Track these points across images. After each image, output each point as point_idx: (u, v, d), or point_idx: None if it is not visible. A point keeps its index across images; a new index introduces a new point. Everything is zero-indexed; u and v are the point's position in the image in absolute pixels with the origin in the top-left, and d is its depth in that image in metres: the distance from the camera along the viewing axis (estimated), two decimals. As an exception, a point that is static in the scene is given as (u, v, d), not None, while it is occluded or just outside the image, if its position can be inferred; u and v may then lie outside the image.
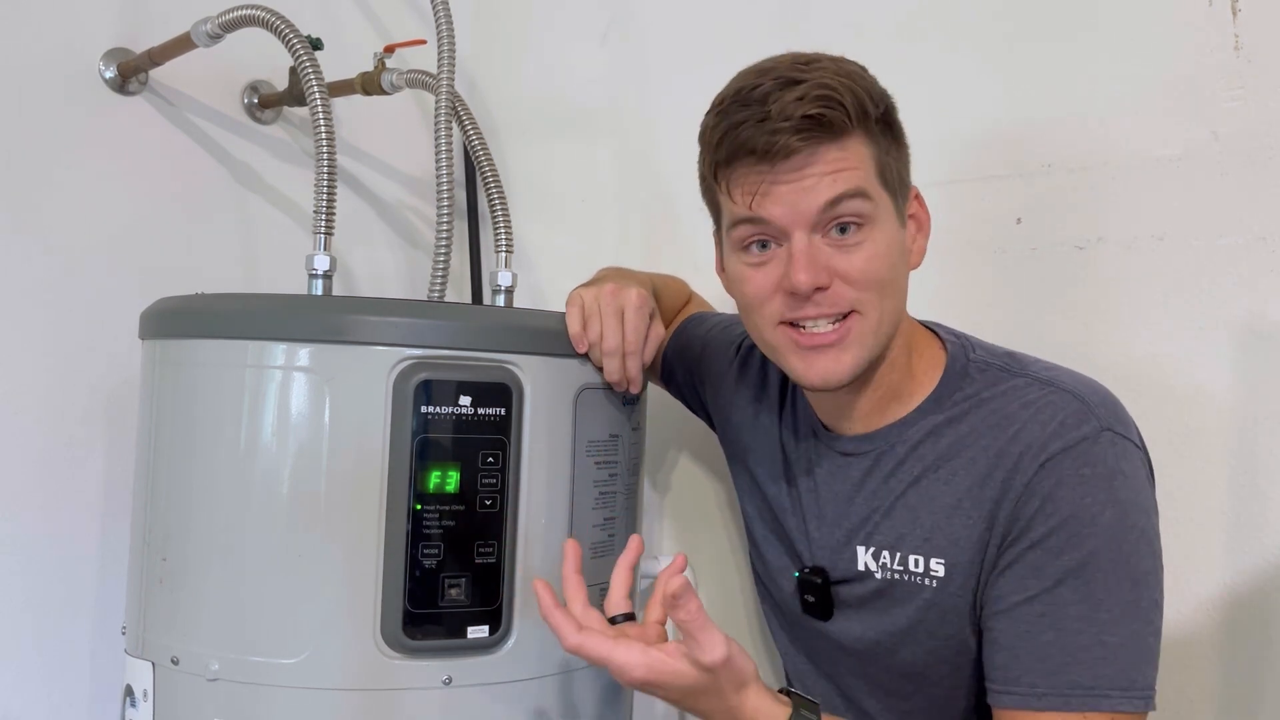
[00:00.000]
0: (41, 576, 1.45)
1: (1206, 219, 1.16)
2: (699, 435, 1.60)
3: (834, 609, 1.10)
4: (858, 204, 0.96)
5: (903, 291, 1.03)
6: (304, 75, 1.26)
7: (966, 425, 1.01)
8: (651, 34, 1.66)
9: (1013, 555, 0.96)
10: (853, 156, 0.96)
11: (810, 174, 0.95)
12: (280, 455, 1.07)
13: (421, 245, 1.85)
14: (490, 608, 1.09)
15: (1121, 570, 0.93)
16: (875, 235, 0.98)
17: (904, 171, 1.02)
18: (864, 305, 0.98)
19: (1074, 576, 0.93)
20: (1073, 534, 0.93)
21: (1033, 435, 0.97)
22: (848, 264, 0.97)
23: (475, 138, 1.50)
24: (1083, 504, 0.93)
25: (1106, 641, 0.92)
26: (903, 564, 1.03)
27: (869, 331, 0.99)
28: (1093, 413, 0.96)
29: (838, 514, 1.09)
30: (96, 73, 1.49)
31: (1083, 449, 0.94)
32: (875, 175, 0.98)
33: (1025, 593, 0.95)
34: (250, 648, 1.06)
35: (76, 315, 1.47)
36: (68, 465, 1.47)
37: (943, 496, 1.01)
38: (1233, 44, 1.15)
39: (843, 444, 1.10)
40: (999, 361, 1.05)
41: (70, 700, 1.47)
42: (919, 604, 1.03)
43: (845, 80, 0.95)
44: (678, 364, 1.35)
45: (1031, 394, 1.00)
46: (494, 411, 1.08)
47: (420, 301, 1.35)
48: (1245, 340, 1.14)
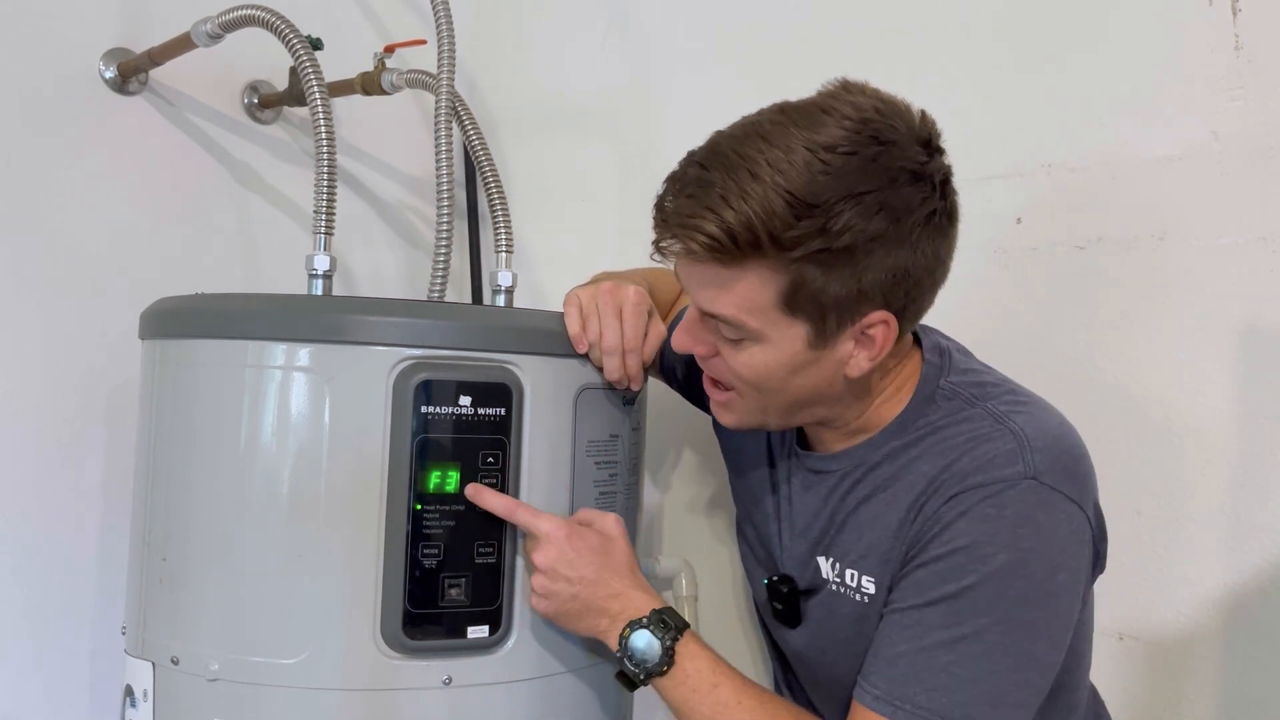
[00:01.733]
0: (41, 576, 1.45)
1: (1206, 219, 1.16)
2: (699, 435, 1.60)
3: (801, 619, 1.12)
4: (730, 328, 0.96)
5: (812, 392, 1.01)
6: (304, 75, 1.26)
7: (917, 450, 1.01)
8: (651, 34, 1.66)
9: (906, 571, 0.98)
10: (740, 285, 0.93)
11: (697, 280, 0.96)
12: (280, 455, 1.07)
13: (421, 245, 1.85)
14: (490, 608, 1.09)
15: (998, 612, 0.91)
16: (756, 351, 0.97)
17: (852, 300, 0.93)
18: (743, 393, 1.02)
19: (947, 602, 0.93)
20: (959, 565, 0.93)
21: (961, 466, 0.96)
22: (730, 355, 0.99)
23: (475, 138, 1.50)
24: (978, 540, 0.92)
25: (955, 673, 0.91)
26: (841, 577, 1.06)
27: (753, 409, 1.03)
28: (1024, 458, 0.94)
29: (805, 526, 1.11)
30: (96, 73, 1.49)
31: (996, 489, 0.93)
32: (772, 304, 0.93)
33: (902, 603, 0.96)
34: (250, 648, 1.06)
35: (76, 315, 1.47)
36: (68, 465, 1.47)
37: (885, 516, 1.02)
38: (1233, 44, 1.15)
39: (813, 461, 1.12)
40: (966, 391, 1.02)
41: (70, 700, 1.47)
42: (855, 616, 1.05)
43: (754, 210, 0.88)
44: (678, 361, 1.35)
45: (981, 427, 0.98)
46: (494, 411, 1.08)
47: (420, 301, 1.35)
48: (1245, 340, 1.14)
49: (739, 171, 0.90)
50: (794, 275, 0.91)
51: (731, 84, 1.52)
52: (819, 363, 0.97)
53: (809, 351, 0.96)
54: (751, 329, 0.95)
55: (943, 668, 0.92)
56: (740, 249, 0.90)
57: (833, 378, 0.99)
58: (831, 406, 1.04)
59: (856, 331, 0.96)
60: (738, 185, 0.89)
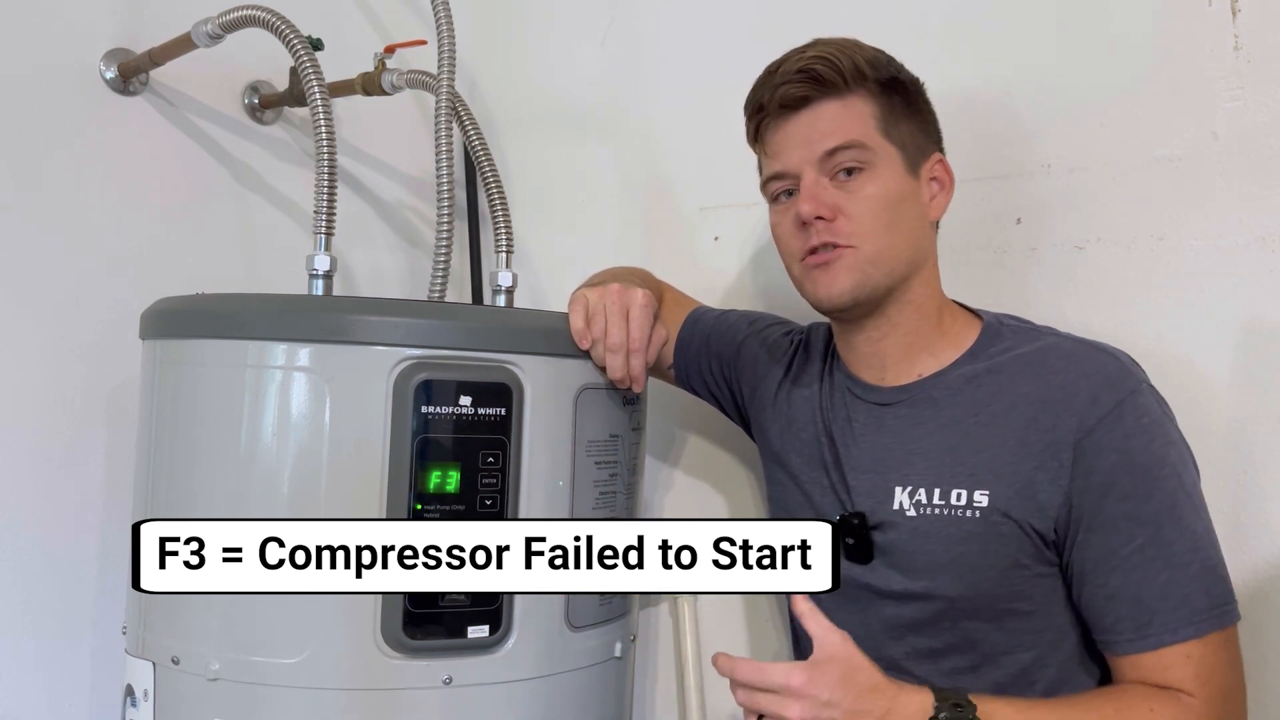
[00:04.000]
0: (42, 576, 1.45)
1: (1206, 219, 1.16)
2: (699, 435, 1.60)
3: (873, 554, 1.12)
4: (855, 153, 1.09)
5: (912, 234, 1.12)
6: (304, 75, 1.26)
7: (1005, 375, 1.09)
8: (651, 34, 1.66)
9: (1106, 510, 1.03)
10: (852, 111, 1.10)
11: (815, 127, 1.10)
12: (281, 455, 1.07)
13: (421, 245, 1.85)
14: (490, 608, 1.09)
15: (1196, 499, 1.04)
16: (876, 179, 1.09)
17: (920, 136, 1.13)
18: (860, 239, 1.09)
19: (1168, 515, 1.01)
20: (1153, 479, 1.02)
21: (1077, 385, 1.05)
22: (848, 201, 1.09)
23: (475, 138, 1.50)
24: (1152, 450, 1.03)
25: (1208, 564, 1.02)
26: (944, 498, 1.08)
27: (865, 261, 1.09)
28: (1129, 369, 1.07)
29: (876, 460, 1.13)
30: (96, 73, 1.49)
31: (1134, 400, 1.04)
32: (876, 130, 1.10)
33: (1132, 541, 1.02)
34: (250, 648, 1.07)
35: (76, 315, 1.47)
36: (68, 465, 1.47)
37: (985, 437, 1.07)
38: (1233, 44, 1.15)
39: (880, 394, 1.16)
40: (1031, 326, 1.15)
41: (70, 700, 1.47)
42: (960, 535, 1.07)
43: (846, 49, 1.10)
44: (705, 354, 1.35)
45: (1066, 347, 1.09)
46: (494, 411, 1.08)
47: (420, 301, 1.35)
48: (1245, 340, 1.14)
49: (829, 40, 1.13)
50: (884, 101, 1.10)
51: (732, 84, 1.52)
52: (915, 197, 1.12)
53: (908, 179, 1.11)
54: (869, 148, 1.09)
55: (1201, 568, 1.01)
56: (848, 82, 1.09)
57: (922, 223, 1.13)
58: (920, 290, 1.13)
59: (929, 170, 1.13)
60: (837, 44, 1.12)
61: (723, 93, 1.54)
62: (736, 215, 1.54)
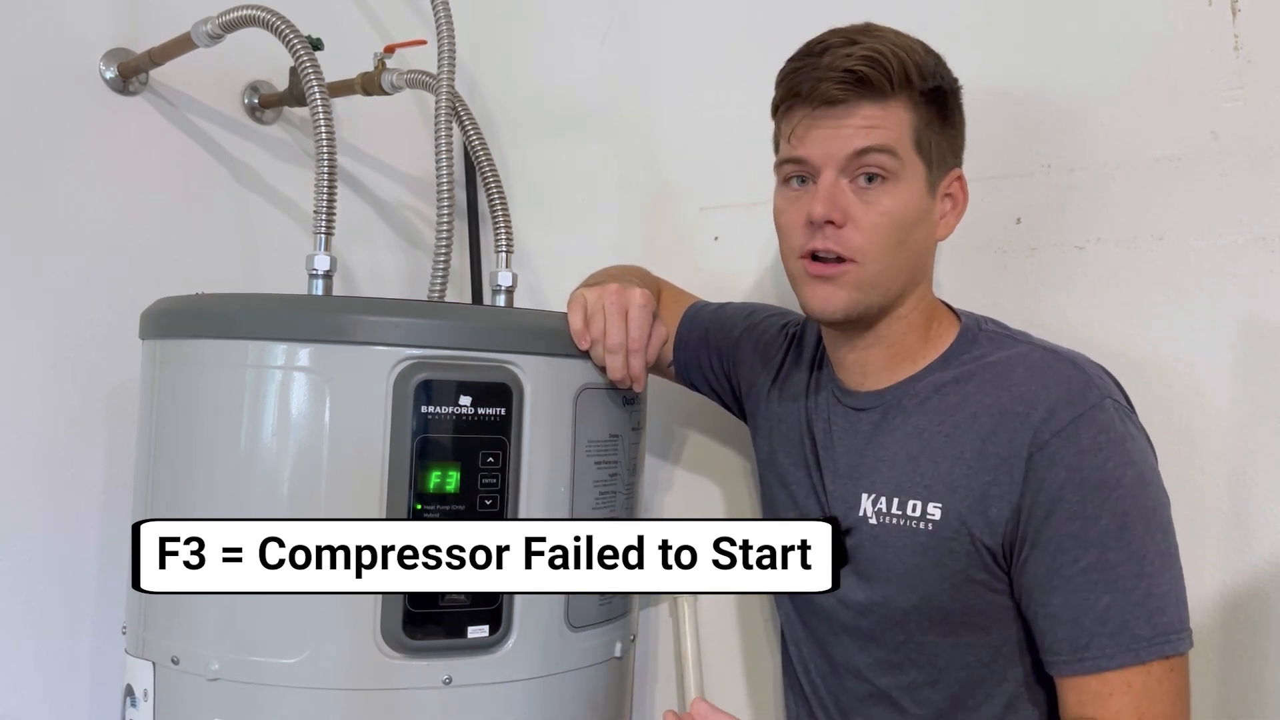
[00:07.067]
0: (42, 576, 1.45)
1: (1206, 219, 1.16)
2: (699, 435, 1.60)
3: (846, 559, 1.12)
4: (884, 159, 1.05)
5: (917, 255, 1.09)
6: (304, 75, 1.26)
7: (972, 384, 1.07)
8: (651, 34, 1.66)
9: (1052, 528, 1.00)
10: (890, 117, 1.05)
11: (847, 124, 1.05)
12: (281, 455, 1.07)
13: (421, 245, 1.85)
14: (490, 608, 1.09)
15: (1151, 523, 0.99)
16: (894, 192, 1.05)
17: (947, 151, 1.10)
18: (865, 255, 1.05)
19: (1115, 538, 0.98)
20: (1104, 499, 0.98)
21: (1036, 397, 1.02)
22: (863, 211, 1.05)
23: (475, 138, 1.50)
24: (1106, 469, 0.99)
25: (1155, 591, 0.98)
26: (901, 508, 1.07)
27: (865, 281, 1.06)
28: (1093, 382, 1.03)
29: (849, 466, 1.13)
30: (96, 73, 1.49)
31: (1091, 415, 1.00)
32: (910, 140, 1.05)
33: (1076, 563, 0.99)
34: (250, 648, 1.07)
35: (76, 315, 1.47)
36: (68, 465, 1.47)
37: (945, 448, 1.06)
38: (1233, 44, 1.15)
39: (856, 400, 1.15)
40: (1007, 332, 1.12)
41: (70, 700, 1.47)
42: (914, 547, 1.06)
43: (898, 49, 1.04)
44: (704, 348, 1.35)
45: (1034, 358, 1.06)
46: (494, 411, 1.08)
47: (420, 301, 1.35)
48: (1245, 340, 1.14)
49: (880, 32, 1.07)
50: (922, 113, 1.06)
51: (732, 84, 1.52)
52: (929, 217, 1.09)
53: (926, 198, 1.07)
54: (898, 157, 1.05)
55: (1146, 594, 0.97)
56: (892, 84, 1.04)
57: (929, 242, 1.11)
58: (913, 305, 1.10)
59: (946, 186, 1.10)
60: (882, 38, 1.06)
61: (723, 93, 1.55)
62: (736, 215, 1.54)
